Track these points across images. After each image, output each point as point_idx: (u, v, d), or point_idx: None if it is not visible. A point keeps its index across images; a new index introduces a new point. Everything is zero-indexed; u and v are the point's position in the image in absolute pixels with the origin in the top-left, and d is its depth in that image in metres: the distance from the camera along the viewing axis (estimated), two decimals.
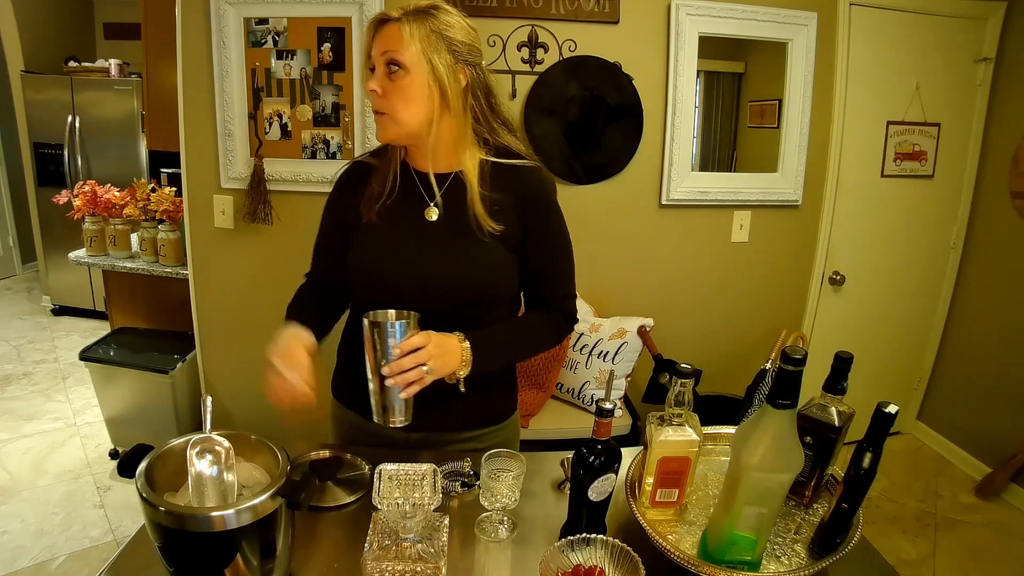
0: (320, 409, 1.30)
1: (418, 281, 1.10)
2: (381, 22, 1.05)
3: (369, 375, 1.01)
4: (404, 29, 1.02)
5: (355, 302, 1.24)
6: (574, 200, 2.41)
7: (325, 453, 1.21)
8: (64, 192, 2.87)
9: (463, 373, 1.06)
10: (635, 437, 2.28)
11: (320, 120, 2.21)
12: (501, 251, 1.12)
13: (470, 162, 1.09)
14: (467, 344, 1.06)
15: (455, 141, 1.10)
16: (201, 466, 0.83)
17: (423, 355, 0.99)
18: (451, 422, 1.22)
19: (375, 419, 1.03)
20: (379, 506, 0.90)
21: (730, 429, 1.17)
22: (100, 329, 3.79)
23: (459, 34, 1.06)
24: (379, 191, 1.14)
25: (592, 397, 2.30)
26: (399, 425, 1.03)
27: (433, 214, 1.13)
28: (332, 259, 1.21)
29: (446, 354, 1.03)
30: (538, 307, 1.21)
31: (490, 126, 1.12)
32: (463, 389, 1.08)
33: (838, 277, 2.72)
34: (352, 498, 1.08)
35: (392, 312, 1.04)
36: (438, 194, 1.12)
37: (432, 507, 0.91)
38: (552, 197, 1.18)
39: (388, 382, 0.98)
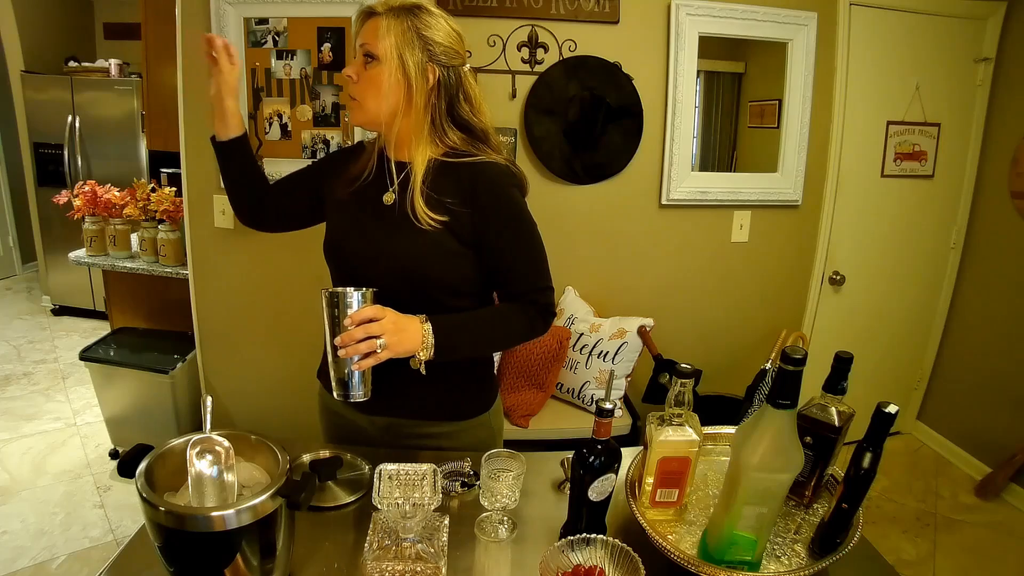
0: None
1: (371, 259, 1.15)
2: (366, 15, 1.12)
3: (327, 348, 1.04)
4: (382, 24, 1.09)
5: (332, 280, 1.28)
6: (574, 200, 2.41)
7: (325, 453, 1.21)
8: (64, 192, 2.87)
9: (424, 356, 1.06)
10: (635, 437, 2.29)
11: (320, 120, 2.21)
12: (450, 241, 1.12)
13: (420, 157, 1.13)
14: (428, 327, 1.06)
15: (413, 135, 1.14)
16: (201, 466, 0.83)
17: (375, 328, 1.01)
18: (415, 410, 1.22)
19: (334, 394, 1.06)
20: (379, 506, 0.90)
21: (730, 429, 1.17)
22: (100, 329, 3.79)
23: (438, 35, 1.10)
24: (357, 173, 1.22)
25: (592, 397, 2.30)
26: (358, 400, 1.05)
27: (390, 198, 1.17)
28: (288, 188, 1.33)
29: (403, 332, 1.04)
30: (510, 300, 1.18)
31: (441, 129, 1.15)
32: (423, 372, 1.07)
33: (838, 277, 2.72)
34: (352, 498, 1.08)
35: (351, 288, 1.05)
36: (396, 180, 1.17)
37: (432, 507, 0.91)
38: (505, 188, 1.15)
39: (340, 352, 1.01)
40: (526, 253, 1.17)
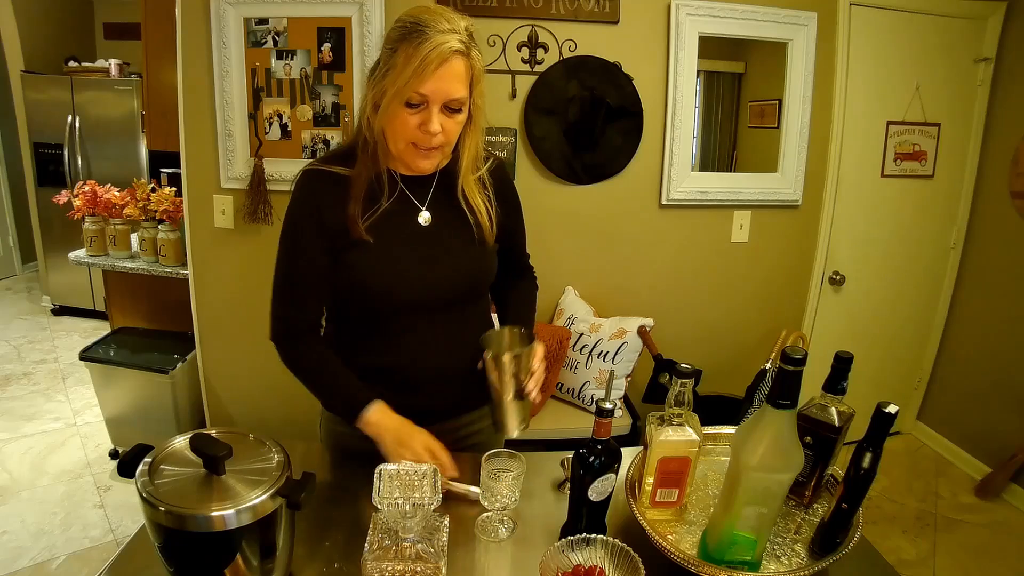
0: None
1: (420, 288, 1.10)
2: (446, 59, 0.95)
3: (502, 398, 1.10)
4: (463, 65, 0.97)
5: (343, 311, 1.18)
6: (574, 200, 2.41)
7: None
8: (64, 192, 2.87)
9: None
10: (635, 437, 2.28)
11: (320, 120, 2.21)
12: (494, 243, 1.19)
13: (473, 178, 1.13)
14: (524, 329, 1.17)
15: (466, 156, 1.10)
16: None
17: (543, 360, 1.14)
18: (455, 405, 1.24)
19: (509, 435, 1.12)
20: (379, 506, 0.90)
21: (730, 429, 1.17)
22: (100, 329, 3.79)
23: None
24: (370, 203, 1.07)
25: (592, 397, 2.30)
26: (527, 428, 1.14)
27: (425, 218, 1.12)
28: (323, 286, 1.13)
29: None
30: (514, 273, 1.32)
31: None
32: None
33: (838, 277, 2.72)
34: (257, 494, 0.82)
35: (506, 331, 1.15)
36: (428, 198, 1.13)
37: (432, 507, 0.91)
38: (510, 180, 1.26)
39: (535, 395, 1.11)
40: (524, 231, 1.31)
